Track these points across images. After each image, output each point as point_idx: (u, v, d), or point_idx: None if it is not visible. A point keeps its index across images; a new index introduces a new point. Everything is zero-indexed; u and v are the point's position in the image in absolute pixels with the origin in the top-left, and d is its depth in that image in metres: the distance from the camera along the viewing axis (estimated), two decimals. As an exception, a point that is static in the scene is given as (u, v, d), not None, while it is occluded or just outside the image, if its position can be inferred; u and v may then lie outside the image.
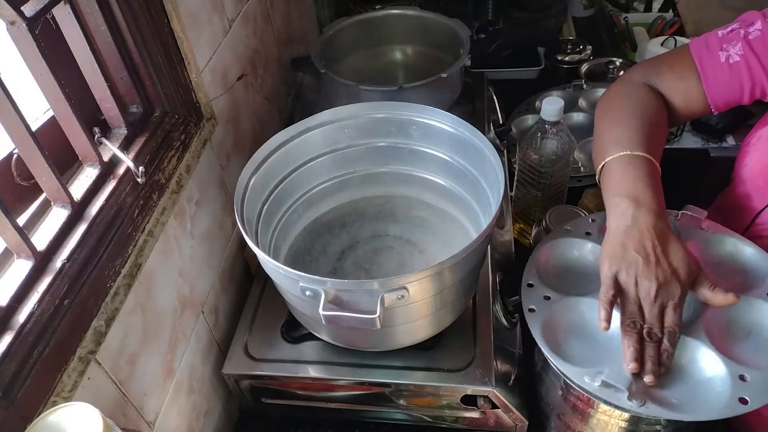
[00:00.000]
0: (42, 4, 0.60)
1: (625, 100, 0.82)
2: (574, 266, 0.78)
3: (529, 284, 0.74)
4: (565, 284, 0.75)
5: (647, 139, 0.75)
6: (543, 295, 0.72)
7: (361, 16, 1.21)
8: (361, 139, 0.88)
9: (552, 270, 0.77)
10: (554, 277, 0.76)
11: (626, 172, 0.73)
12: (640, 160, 0.73)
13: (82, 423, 0.45)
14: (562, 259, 0.79)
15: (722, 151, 1.27)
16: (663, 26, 1.56)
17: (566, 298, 0.72)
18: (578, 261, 0.78)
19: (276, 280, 0.72)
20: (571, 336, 0.70)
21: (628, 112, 0.79)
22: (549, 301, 0.72)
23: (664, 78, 0.82)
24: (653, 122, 0.78)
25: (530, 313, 0.70)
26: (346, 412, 0.85)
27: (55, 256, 0.60)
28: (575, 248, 0.79)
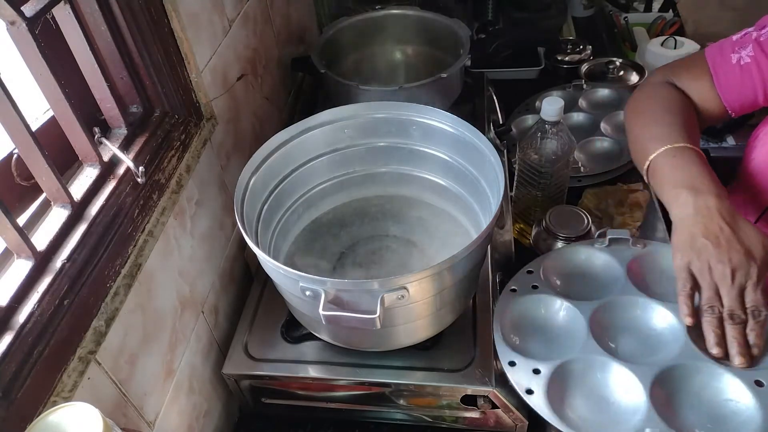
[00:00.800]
0: (42, 4, 0.60)
1: (652, 100, 0.84)
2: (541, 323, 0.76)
3: (510, 363, 0.70)
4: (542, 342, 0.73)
5: (684, 131, 0.76)
6: (532, 368, 0.69)
7: (361, 16, 1.21)
8: (361, 139, 0.88)
9: (522, 327, 0.75)
10: (527, 334, 0.74)
11: (675, 164, 0.74)
12: (684, 151, 0.74)
13: (82, 423, 0.45)
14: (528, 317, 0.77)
15: (722, 151, 1.28)
16: (663, 26, 1.56)
17: (555, 362, 0.70)
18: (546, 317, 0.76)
19: (276, 280, 0.72)
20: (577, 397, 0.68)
21: (659, 110, 0.81)
22: (539, 375, 0.69)
23: (681, 78, 0.84)
24: (685, 114, 0.80)
25: (528, 395, 0.67)
26: (346, 412, 0.85)
27: (55, 256, 0.60)
28: (542, 305, 0.77)
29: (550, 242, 0.92)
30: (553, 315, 0.76)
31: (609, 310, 0.74)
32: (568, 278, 0.80)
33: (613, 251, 0.80)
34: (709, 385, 0.66)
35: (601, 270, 0.80)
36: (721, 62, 0.80)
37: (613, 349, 0.71)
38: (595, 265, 0.81)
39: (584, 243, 0.83)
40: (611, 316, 0.74)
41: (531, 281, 0.78)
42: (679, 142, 0.75)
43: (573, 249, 0.83)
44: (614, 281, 0.77)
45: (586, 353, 0.69)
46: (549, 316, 0.76)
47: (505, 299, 0.76)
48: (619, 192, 1.11)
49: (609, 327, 0.73)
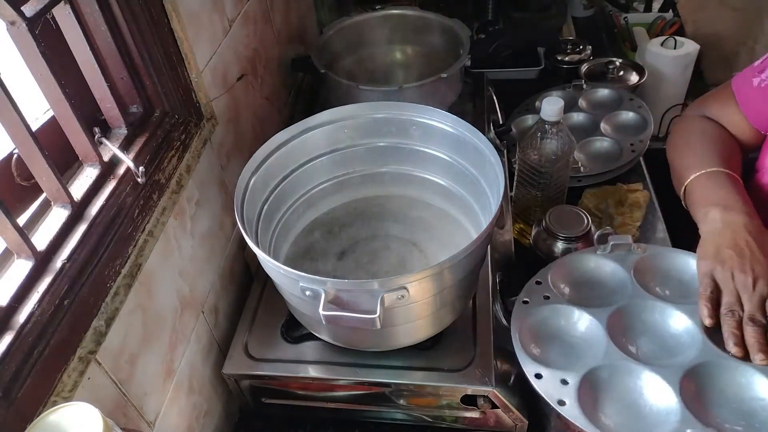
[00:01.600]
0: (42, 4, 0.60)
1: (686, 131, 0.89)
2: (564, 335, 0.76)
3: (537, 375, 0.69)
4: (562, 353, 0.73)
5: (717, 156, 0.81)
6: (559, 379, 0.69)
7: (361, 16, 1.21)
8: (361, 139, 0.88)
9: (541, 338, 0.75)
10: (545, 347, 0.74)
11: (707, 186, 0.79)
12: (717, 174, 0.79)
13: (82, 423, 0.45)
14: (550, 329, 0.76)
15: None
16: (663, 26, 1.56)
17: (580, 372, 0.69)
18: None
19: (276, 280, 0.72)
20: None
21: (693, 140, 0.86)
22: (568, 385, 0.68)
23: (711, 109, 0.89)
24: (718, 141, 0.84)
25: (561, 406, 0.66)
26: (346, 412, 0.85)
27: (55, 256, 0.60)
28: (557, 315, 0.76)
29: (550, 242, 0.92)
30: (570, 324, 0.75)
31: (624, 315, 0.74)
32: (576, 286, 0.80)
33: (617, 257, 0.81)
34: (733, 381, 0.67)
35: (608, 276, 0.80)
36: (744, 88, 0.84)
37: (635, 352, 0.71)
38: (602, 272, 0.81)
39: (587, 250, 0.84)
40: (627, 321, 0.74)
41: (542, 292, 0.78)
42: (711, 167, 0.79)
43: (578, 257, 0.83)
44: (622, 286, 0.78)
45: (610, 359, 0.69)
46: (566, 325, 0.75)
47: (520, 311, 0.76)
48: (619, 192, 1.11)
49: (626, 331, 0.74)
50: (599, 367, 0.69)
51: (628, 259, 0.80)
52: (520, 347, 0.72)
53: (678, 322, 0.73)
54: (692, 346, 0.70)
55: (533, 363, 0.70)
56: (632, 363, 0.69)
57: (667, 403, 0.65)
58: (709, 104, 0.90)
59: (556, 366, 0.70)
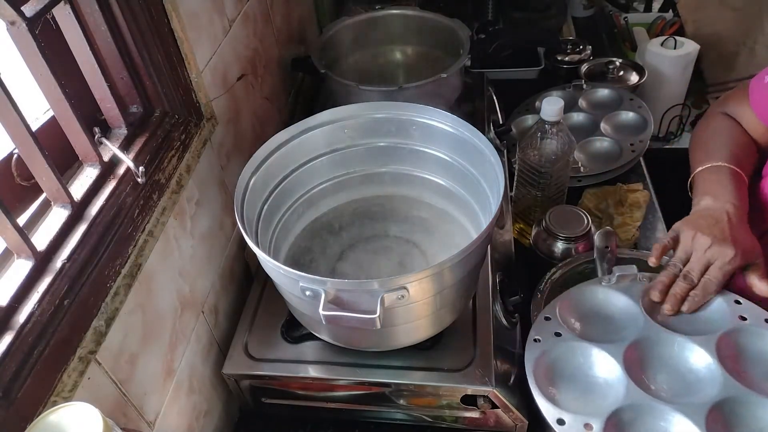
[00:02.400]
0: (42, 4, 0.60)
1: (703, 127, 0.93)
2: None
3: (559, 421, 0.67)
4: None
5: (727, 152, 0.84)
6: (583, 424, 0.66)
7: (361, 16, 1.21)
8: (361, 139, 0.88)
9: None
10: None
11: (708, 179, 0.83)
12: (720, 169, 0.82)
13: (82, 423, 0.45)
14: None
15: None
16: (663, 26, 1.56)
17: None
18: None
19: (276, 280, 0.72)
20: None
21: (707, 135, 0.90)
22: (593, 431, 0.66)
23: (729, 105, 0.92)
24: (732, 138, 0.87)
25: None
26: (346, 412, 0.85)
27: (55, 256, 0.60)
28: (571, 353, 0.75)
29: (550, 242, 0.93)
30: (586, 361, 0.73)
31: (639, 349, 0.73)
32: (586, 320, 0.78)
33: (623, 288, 0.79)
34: (760, 415, 0.65)
35: (618, 309, 0.79)
36: (757, 86, 0.86)
37: (654, 390, 0.69)
38: (611, 304, 0.79)
39: (593, 282, 0.82)
40: (643, 355, 0.73)
41: (552, 328, 0.76)
42: (717, 162, 0.82)
43: (584, 290, 0.81)
44: (634, 318, 0.76)
45: (633, 399, 0.67)
46: (582, 364, 0.73)
47: (532, 350, 0.74)
48: (619, 192, 1.11)
49: (643, 366, 0.72)
50: (622, 408, 0.67)
51: (635, 289, 0.79)
52: (537, 390, 0.70)
53: (696, 356, 0.71)
54: (713, 380, 0.68)
55: (553, 407, 0.68)
56: (656, 402, 0.67)
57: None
58: (728, 102, 0.93)
59: (577, 409, 0.67)
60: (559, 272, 0.88)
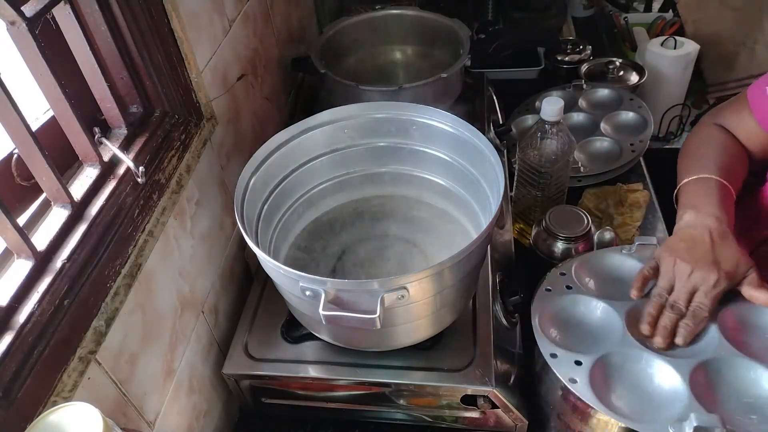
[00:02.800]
0: (42, 4, 0.60)
1: (694, 137, 0.92)
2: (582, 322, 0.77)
3: (552, 354, 0.72)
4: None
5: (716, 164, 0.82)
6: (573, 360, 0.71)
7: (361, 16, 1.21)
8: (361, 139, 0.88)
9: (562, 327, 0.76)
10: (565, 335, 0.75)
11: (692, 191, 0.81)
12: (707, 181, 0.80)
13: (82, 423, 0.45)
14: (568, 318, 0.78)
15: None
16: (663, 26, 1.56)
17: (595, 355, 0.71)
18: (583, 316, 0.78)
19: (276, 280, 0.72)
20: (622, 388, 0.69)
21: (698, 146, 0.88)
22: (581, 366, 0.70)
23: (725, 115, 0.90)
24: (722, 150, 0.85)
25: (572, 384, 0.68)
26: (346, 412, 0.85)
27: (55, 256, 0.60)
28: (577, 304, 0.78)
29: (550, 242, 0.93)
30: (589, 313, 0.77)
31: (642, 311, 0.75)
32: (600, 280, 0.81)
33: (642, 258, 0.82)
34: (745, 377, 0.68)
35: (631, 274, 0.81)
36: (758, 95, 0.85)
37: (650, 345, 0.72)
38: (626, 269, 0.82)
39: (613, 249, 0.84)
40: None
41: (564, 282, 0.80)
42: (704, 174, 0.81)
43: (602, 254, 0.84)
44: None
45: (625, 347, 0.71)
46: (585, 314, 0.77)
47: (541, 298, 0.78)
48: (619, 192, 1.11)
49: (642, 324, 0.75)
50: (613, 353, 0.71)
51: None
52: (538, 329, 0.74)
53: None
54: (708, 344, 0.71)
55: (550, 344, 0.72)
56: (645, 351, 0.71)
57: (676, 390, 0.67)
58: (724, 113, 0.91)
59: (572, 348, 0.72)
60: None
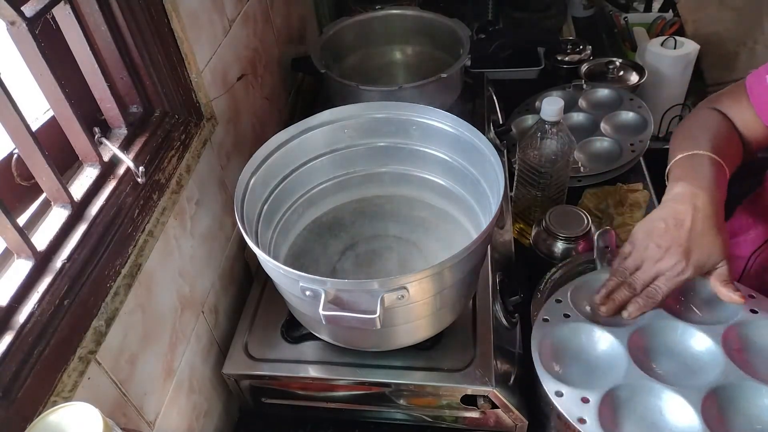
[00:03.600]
0: (42, 4, 0.60)
1: (690, 121, 0.89)
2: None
3: (557, 393, 0.69)
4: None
5: (710, 142, 0.80)
6: (580, 397, 0.68)
7: (361, 16, 1.21)
8: (361, 139, 0.88)
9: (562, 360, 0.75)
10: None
11: (685, 165, 0.78)
12: (700, 157, 0.78)
13: (82, 423, 0.45)
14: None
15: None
16: (663, 26, 1.56)
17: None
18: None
19: (276, 280, 0.72)
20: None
21: (692, 127, 0.86)
22: (588, 404, 0.67)
23: (723, 102, 0.88)
24: (716, 130, 0.83)
25: (581, 424, 0.66)
26: (346, 412, 0.85)
27: (55, 256, 0.60)
28: (578, 334, 0.76)
29: (550, 242, 0.93)
30: (591, 342, 0.75)
31: (645, 335, 0.74)
32: (597, 306, 0.78)
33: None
34: (756, 403, 0.66)
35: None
36: (757, 85, 0.84)
37: (656, 372, 0.70)
38: None
39: (605, 270, 0.82)
40: (648, 341, 0.74)
41: (561, 310, 0.77)
42: (698, 150, 0.78)
43: (596, 276, 0.82)
44: None
45: (631, 379, 0.69)
46: (587, 344, 0.75)
47: (540, 329, 0.76)
48: (619, 192, 1.11)
49: (648, 351, 0.73)
50: (620, 386, 0.68)
51: None
52: (540, 365, 0.71)
53: (700, 343, 0.72)
54: (715, 367, 0.69)
55: (555, 381, 0.69)
56: (653, 383, 0.68)
57: (688, 423, 0.65)
58: (722, 99, 0.90)
59: (577, 384, 0.69)
60: (560, 272, 0.88)
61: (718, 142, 0.81)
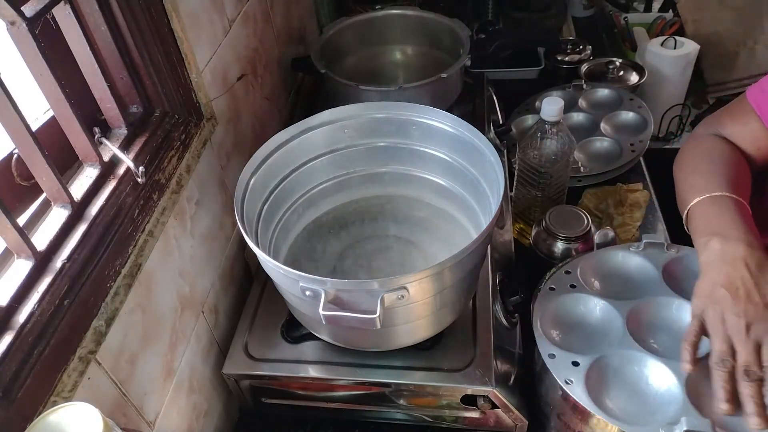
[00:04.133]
0: (42, 4, 0.60)
1: (695, 151, 0.84)
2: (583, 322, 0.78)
3: (550, 355, 0.71)
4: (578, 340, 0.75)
5: (724, 179, 0.76)
6: (571, 361, 0.70)
7: (361, 16, 1.21)
8: (361, 139, 0.88)
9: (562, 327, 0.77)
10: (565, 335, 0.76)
11: (710, 212, 0.74)
12: (721, 199, 0.73)
13: (82, 423, 0.45)
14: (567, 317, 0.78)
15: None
16: (663, 26, 1.56)
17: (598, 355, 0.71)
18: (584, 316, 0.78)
19: (276, 280, 0.72)
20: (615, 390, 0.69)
21: (700, 161, 0.81)
22: (578, 367, 0.69)
23: (727, 127, 0.84)
24: (727, 163, 0.79)
25: (567, 385, 0.68)
26: (346, 412, 0.85)
27: (55, 256, 0.60)
28: (580, 303, 0.78)
29: (550, 242, 0.93)
30: (591, 313, 0.77)
31: (645, 310, 0.76)
32: (605, 279, 0.81)
33: (648, 255, 0.82)
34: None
35: (636, 272, 0.81)
36: (760, 95, 0.80)
37: (650, 345, 0.73)
38: (631, 267, 0.82)
39: (620, 247, 0.84)
40: (647, 316, 0.76)
41: (569, 281, 0.80)
42: (716, 191, 0.74)
43: (609, 252, 0.84)
44: (650, 283, 0.79)
45: (623, 348, 0.71)
46: (587, 314, 0.78)
47: (544, 297, 0.79)
48: (619, 192, 1.11)
49: (645, 325, 0.75)
50: (611, 354, 0.71)
51: (660, 258, 0.81)
52: (539, 329, 0.74)
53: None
54: (705, 341, 0.69)
55: (550, 345, 0.73)
56: (643, 353, 0.70)
57: (671, 392, 0.67)
58: (723, 122, 0.85)
59: (571, 349, 0.72)
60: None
61: (734, 177, 0.76)
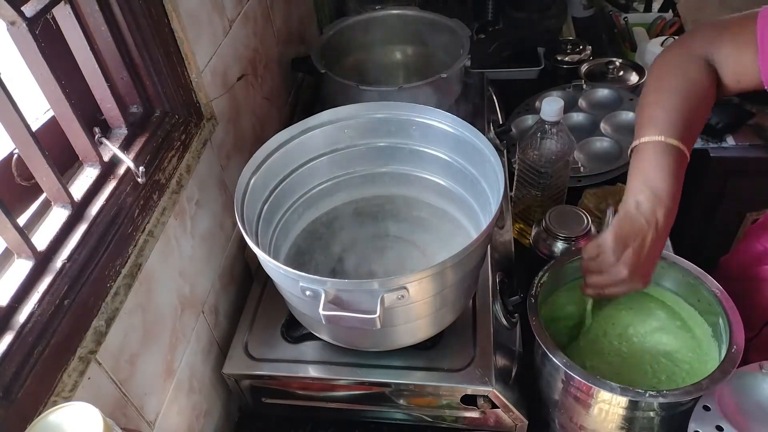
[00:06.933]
0: (42, 4, 0.60)
1: (674, 75, 0.81)
2: None
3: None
4: None
5: (684, 124, 0.76)
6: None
7: (361, 16, 1.21)
8: (361, 139, 0.88)
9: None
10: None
11: (653, 160, 0.75)
12: (672, 150, 0.74)
13: (82, 423, 0.46)
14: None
15: (722, 151, 1.28)
16: (663, 26, 1.56)
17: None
18: None
19: (276, 280, 0.72)
20: None
21: (674, 91, 0.79)
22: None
23: (722, 48, 0.81)
24: (696, 105, 0.78)
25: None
26: (346, 412, 0.85)
27: (56, 256, 0.60)
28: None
29: (550, 242, 0.92)
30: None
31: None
32: (749, 415, 0.69)
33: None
34: None
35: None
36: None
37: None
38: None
39: (753, 371, 0.71)
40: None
41: (713, 421, 0.67)
42: (671, 137, 0.74)
43: (744, 380, 0.71)
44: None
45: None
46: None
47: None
48: (619, 192, 1.11)
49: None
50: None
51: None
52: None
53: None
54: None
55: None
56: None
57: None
58: (722, 43, 0.81)
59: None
60: (546, 275, 0.82)
61: (691, 120, 0.76)
